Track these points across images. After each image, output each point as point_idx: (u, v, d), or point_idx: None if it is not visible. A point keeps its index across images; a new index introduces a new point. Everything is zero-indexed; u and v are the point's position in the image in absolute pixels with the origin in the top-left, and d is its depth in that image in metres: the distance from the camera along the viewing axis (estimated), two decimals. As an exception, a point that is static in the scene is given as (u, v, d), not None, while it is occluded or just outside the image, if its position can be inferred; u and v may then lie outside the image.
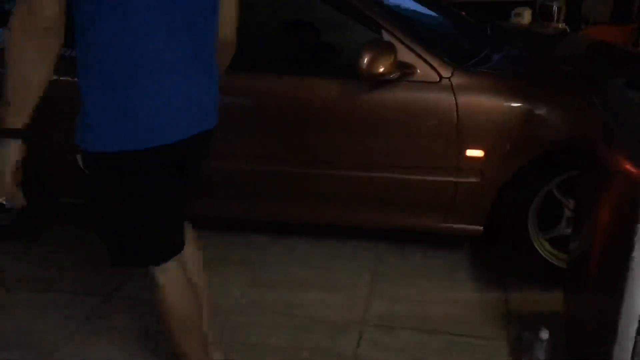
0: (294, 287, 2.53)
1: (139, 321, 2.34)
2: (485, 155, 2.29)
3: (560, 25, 4.58)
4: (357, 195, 2.53)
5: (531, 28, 4.08)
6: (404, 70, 2.25)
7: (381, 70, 2.17)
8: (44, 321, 2.36)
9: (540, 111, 2.26)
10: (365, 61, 2.13)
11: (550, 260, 2.44)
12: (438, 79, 2.27)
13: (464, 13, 3.30)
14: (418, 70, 2.28)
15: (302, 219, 2.68)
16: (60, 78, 2.51)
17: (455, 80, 2.27)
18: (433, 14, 2.91)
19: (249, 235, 2.92)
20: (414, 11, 2.78)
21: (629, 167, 1.43)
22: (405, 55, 2.26)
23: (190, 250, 1.76)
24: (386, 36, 2.27)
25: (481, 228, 2.47)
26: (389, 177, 2.42)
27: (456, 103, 2.26)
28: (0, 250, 2.88)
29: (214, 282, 2.53)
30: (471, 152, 2.30)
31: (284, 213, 2.67)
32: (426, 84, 2.28)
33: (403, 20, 2.44)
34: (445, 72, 2.27)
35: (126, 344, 2.21)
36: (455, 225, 2.48)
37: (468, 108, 2.26)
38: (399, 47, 2.25)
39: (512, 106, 2.25)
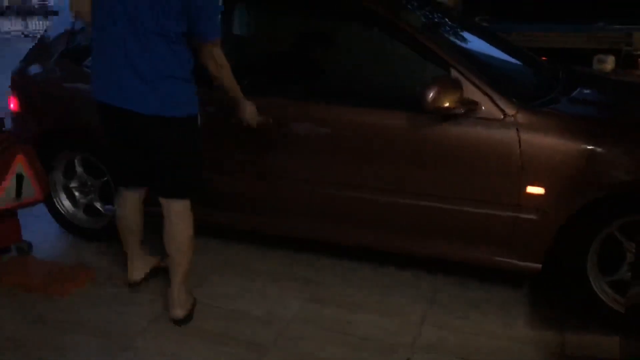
0: (350, 307, 2.65)
1: (206, 324, 2.54)
2: (545, 192, 2.34)
3: (645, 74, 4.50)
4: (418, 225, 2.63)
5: (611, 75, 4.04)
6: (469, 106, 2.36)
7: (446, 105, 2.29)
8: (124, 315, 2.62)
9: (605, 151, 2.28)
10: (431, 95, 2.27)
11: (609, 304, 2.42)
12: (502, 117, 2.36)
13: (545, 58, 3.37)
14: (483, 107, 2.38)
15: (364, 243, 2.80)
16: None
17: (520, 118, 2.35)
18: (506, 55, 3.00)
19: (314, 256, 3.08)
20: (485, 51, 2.89)
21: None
22: (471, 92, 2.38)
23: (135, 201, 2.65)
24: (454, 73, 2.40)
25: (539, 266, 2.49)
26: (449, 209, 2.51)
27: (519, 140, 2.33)
28: (95, 250, 3.22)
29: (277, 294, 2.74)
30: (532, 189, 2.35)
31: (347, 236, 2.81)
32: (490, 120, 2.37)
33: (472, 58, 2.56)
34: (510, 110, 2.36)
35: (192, 342, 2.41)
36: (512, 261, 2.51)
37: (531, 145, 2.32)
38: (466, 83, 2.37)
39: (576, 145, 2.29)
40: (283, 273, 2.95)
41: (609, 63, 4.58)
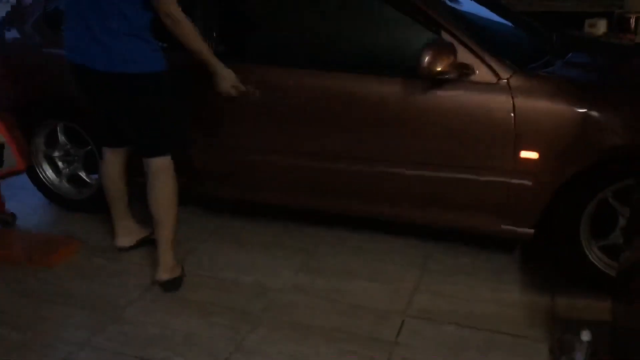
0: (342, 275, 2.63)
1: (195, 294, 2.51)
2: (540, 157, 2.30)
3: (637, 38, 4.44)
4: (410, 192, 2.59)
5: (604, 38, 3.99)
6: (463, 70, 2.30)
7: (439, 69, 2.23)
8: (113, 287, 2.58)
9: (599, 116, 2.25)
10: (426, 59, 2.20)
11: (601, 267, 2.42)
12: (496, 80, 2.31)
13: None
14: (477, 71, 2.32)
15: (356, 212, 2.77)
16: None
17: (514, 82, 2.30)
18: (498, 18, 2.93)
19: (305, 224, 3.05)
20: (478, 14, 2.82)
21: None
22: (464, 55, 2.31)
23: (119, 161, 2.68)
24: (445, 36, 2.33)
25: (532, 231, 2.47)
26: (441, 176, 2.48)
27: (513, 105, 2.28)
28: (81, 221, 3.16)
29: (267, 264, 2.71)
30: (526, 154, 2.31)
31: (339, 205, 2.77)
32: (484, 84, 2.32)
33: (464, 21, 2.48)
34: (504, 74, 2.30)
35: (182, 313, 2.38)
36: (505, 227, 2.49)
37: (525, 110, 2.28)
38: (459, 47, 2.31)
39: (570, 110, 2.25)
40: (273, 243, 2.92)
41: (601, 27, 4.52)
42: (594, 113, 2.24)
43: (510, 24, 2.97)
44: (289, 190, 2.83)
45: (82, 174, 3.22)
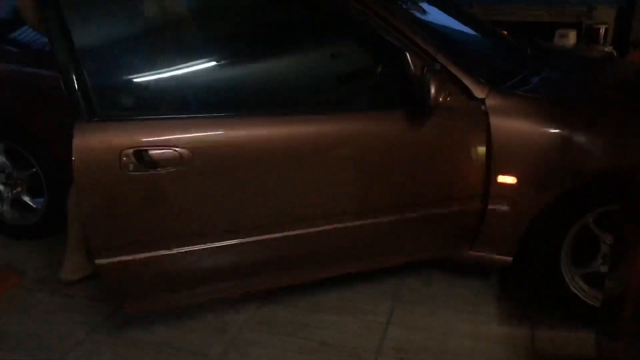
0: (309, 308, 2.44)
1: (150, 334, 2.29)
2: (517, 182, 2.16)
3: (606, 49, 4.39)
4: (384, 241, 2.32)
5: (575, 50, 3.91)
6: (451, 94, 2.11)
7: (442, 98, 2.02)
8: (56, 325, 2.34)
9: (580, 138, 2.11)
10: (433, 90, 1.95)
11: (582, 297, 2.29)
12: (471, 100, 2.15)
13: (505, 32, 3.18)
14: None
15: (326, 275, 2.38)
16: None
17: (490, 101, 2.15)
18: (470, 31, 2.79)
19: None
20: (449, 27, 2.67)
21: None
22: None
23: None
24: (416, 53, 2.13)
25: (510, 259, 2.33)
26: (417, 216, 2.23)
27: (489, 126, 2.13)
28: (26, 250, 2.90)
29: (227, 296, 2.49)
30: (503, 179, 2.17)
31: (308, 273, 2.35)
32: (459, 105, 2.16)
33: (438, 36, 2.32)
34: (480, 93, 2.15)
35: (133, 355, 2.16)
36: (482, 255, 2.35)
37: (501, 131, 2.13)
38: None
39: (549, 132, 2.11)
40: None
41: (571, 38, 4.45)
42: (575, 134, 2.11)
43: (481, 36, 2.84)
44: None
45: (27, 199, 2.96)
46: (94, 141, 1.84)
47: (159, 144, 1.88)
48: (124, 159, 1.84)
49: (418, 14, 2.56)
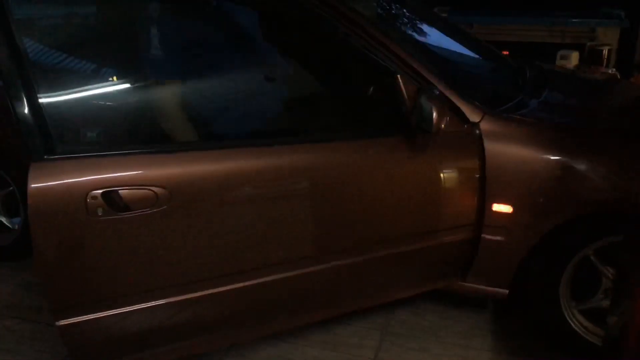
0: (292, 341, 2.30)
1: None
2: (513, 211, 2.03)
3: (610, 71, 4.28)
4: (376, 278, 2.17)
5: (577, 72, 3.80)
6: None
7: (444, 124, 1.90)
8: (22, 357, 2.20)
9: (581, 166, 1.98)
10: (435, 115, 1.81)
11: (582, 334, 2.15)
12: (464, 125, 2.03)
13: (507, 52, 3.07)
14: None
15: (316, 318, 2.20)
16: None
17: (485, 126, 2.03)
18: (466, 51, 2.68)
19: None
20: (444, 47, 2.56)
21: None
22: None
23: None
24: (405, 74, 2.00)
25: (506, 292, 2.19)
26: (409, 250, 2.09)
27: (483, 151, 2.01)
28: (-2, 272, 2.77)
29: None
30: (498, 207, 2.04)
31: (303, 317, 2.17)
32: (451, 130, 2.04)
33: (430, 57, 2.21)
34: (474, 117, 2.03)
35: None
36: (476, 286, 2.22)
37: (496, 157, 2.01)
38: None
39: (548, 158, 1.98)
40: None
41: (573, 59, 4.35)
42: (574, 162, 1.98)
43: (478, 57, 2.73)
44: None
45: (2, 219, 2.83)
46: (53, 183, 1.58)
47: (132, 182, 1.67)
48: (91, 202, 1.62)
49: (412, 34, 2.46)
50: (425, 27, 2.55)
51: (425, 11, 2.95)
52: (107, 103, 1.85)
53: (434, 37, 2.55)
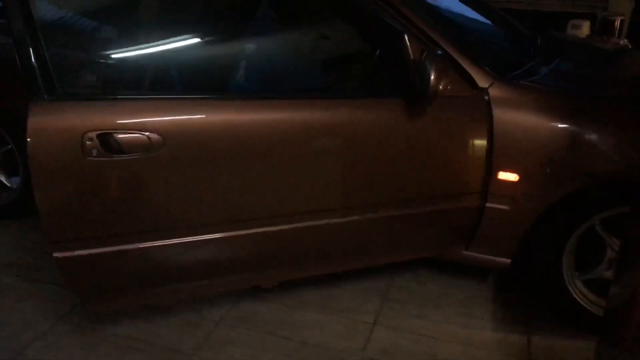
0: (292, 304, 2.29)
1: (120, 327, 2.15)
2: (519, 179, 2.00)
3: (622, 41, 4.19)
4: (379, 238, 2.16)
5: (589, 42, 3.72)
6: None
7: (446, 86, 1.82)
8: (21, 314, 2.20)
9: (589, 136, 1.94)
10: (433, 77, 1.76)
11: (584, 304, 2.14)
12: (473, 89, 1.98)
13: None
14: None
15: (321, 271, 2.27)
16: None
17: (493, 91, 1.98)
18: (477, 16, 2.61)
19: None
20: (454, 11, 2.49)
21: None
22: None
23: None
24: (412, 35, 1.95)
25: (508, 261, 2.18)
26: (412, 213, 2.08)
27: (492, 117, 1.97)
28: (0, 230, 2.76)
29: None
30: (504, 175, 2.01)
31: (305, 268, 2.21)
32: (461, 95, 1.99)
33: (440, 21, 2.15)
34: (483, 82, 1.98)
35: (98, 349, 2.02)
36: (479, 255, 2.20)
37: (504, 125, 1.96)
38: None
39: (556, 127, 1.94)
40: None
41: (584, 29, 4.25)
42: (584, 131, 1.94)
43: (490, 23, 2.66)
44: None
45: (1, 177, 2.81)
46: (51, 122, 1.64)
47: (127, 127, 1.70)
48: (87, 142, 1.66)
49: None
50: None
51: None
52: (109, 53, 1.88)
53: (445, 1, 2.47)
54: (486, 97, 1.97)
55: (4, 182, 2.82)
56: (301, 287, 2.38)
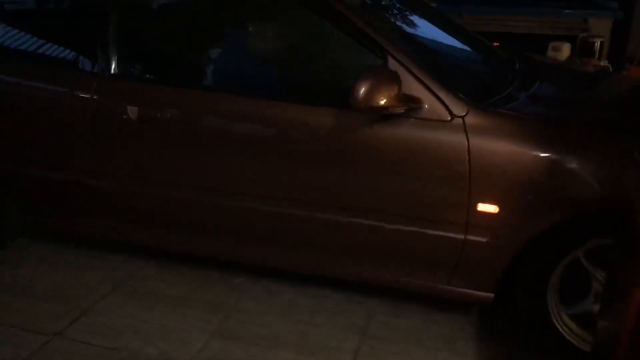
0: (266, 344, 2.18)
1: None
2: (500, 211, 1.92)
3: (602, 63, 4.17)
4: (345, 244, 2.18)
5: (569, 64, 3.69)
6: (409, 104, 1.91)
7: (381, 102, 1.83)
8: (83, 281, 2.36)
9: (570, 164, 1.88)
10: (362, 90, 1.79)
11: (570, 339, 2.05)
12: (449, 118, 1.92)
13: (497, 44, 2.96)
14: (426, 106, 1.93)
15: (282, 265, 2.34)
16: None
17: (470, 120, 1.91)
18: (453, 40, 2.56)
19: (227, 272, 2.58)
20: (431, 36, 2.44)
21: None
22: (411, 86, 1.92)
23: None
24: (392, 63, 1.94)
25: (491, 295, 2.09)
26: (383, 227, 2.07)
27: (469, 147, 1.90)
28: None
29: (177, 326, 2.25)
30: (483, 207, 1.93)
31: (262, 256, 2.34)
32: (435, 122, 1.93)
33: (414, 44, 2.10)
34: (459, 110, 1.92)
35: None
36: (459, 290, 2.11)
37: (482, 154, 1.90)
38: (405, 76, 1.91)
39: (536, 156, 1.88)
40: (190, 297, 2.45)
41: (564, 50, 4.23)
42: (566, 159, 1.88)
43: (467, 47, 2.61)
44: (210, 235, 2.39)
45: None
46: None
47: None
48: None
49: (395, 21, 2.34)
50: (410, 16, 2.43)
51: (413, 1, 2.83)
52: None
53: (419, 25, 2.43)
54: (462, 125, 1.90)
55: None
56: (276, 324, 2.27)
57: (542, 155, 1.88)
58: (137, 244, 2.54)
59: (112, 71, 2.28)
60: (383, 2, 2.59)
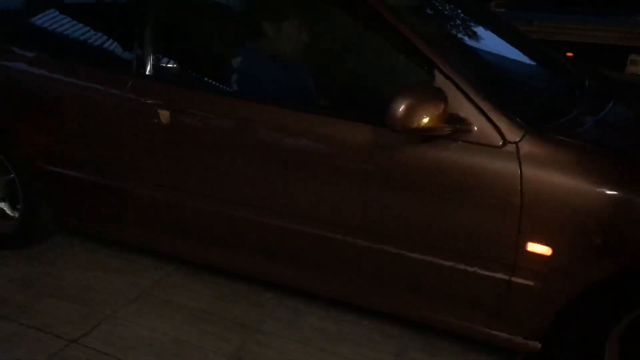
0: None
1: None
2: (553, 254, 1.68)
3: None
4: (377, 272, 2.00)
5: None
6: (457, 126, 1.69)
7: (424, 123, 1.62)
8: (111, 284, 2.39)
9: (641, 204, 1.61)
10: (400, 110, 1.60)
11: (630, 406, 1.77)
12: (501, 143, 1.69)
13: (571, 54, 2.67)
14: (475, 128, 1.71)
15: (308, 287, 2.18)
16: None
17: (525, 146, 1.67)
18: (516, 53, 2.31)
19: (258, 289, 2.45)
20: (491, 49, 2.20)
21: None
22: (459, 105, 1.71)
23: None
24: (439, 77, 1.73)
25: (538, 345, 1.84)
26: (419, 259, 1.86)
27: (521, 177, 1.66)
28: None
29: (193, 343, 2.14)
30: (534, 247, 1.69)
31: (294, 277, 2.18)
32: (484, 147, 1.71)
33: (466, 58, 1.88)
34: (512, 135, 1.68)
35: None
36: (500, 334, 1.88)
37: (537, 186, 1.65)
38: (453, 93, 1.70)
39: (601, 192, 1.62)
40: (212, 311, 2.33)
41: (646, 65, 3.86)
42: (636, 196, 1.60)
43: (530, 61, 2.34)
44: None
45: (3, 206, 2.70)
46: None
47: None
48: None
49: (450, 31, 2.12)
50: (466, 23, 2.21)
51: (475, 6, 2.59)
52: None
53: (476, 34, 2.19)
54: (516, 153, 1.67)
55: (7, 211, 2.70)
56: (297, 349, 2.12)
57: (607, 192, 1.61)
58: (169, 253, 2.48)
59: (147, 72, 2.19)
60: (439, 7, 2.37)
